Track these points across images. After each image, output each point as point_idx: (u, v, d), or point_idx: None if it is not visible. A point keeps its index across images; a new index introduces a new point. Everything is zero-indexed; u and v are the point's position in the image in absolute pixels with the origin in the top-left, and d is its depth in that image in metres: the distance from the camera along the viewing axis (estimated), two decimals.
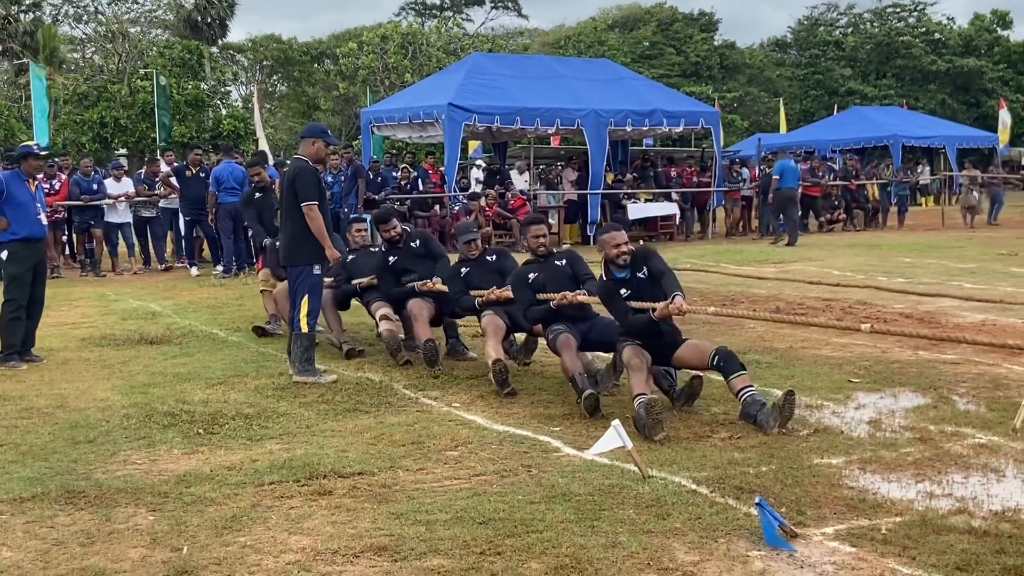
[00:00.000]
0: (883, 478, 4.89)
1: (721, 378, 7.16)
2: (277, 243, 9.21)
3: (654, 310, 6.06)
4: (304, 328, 7.41)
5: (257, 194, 10.85)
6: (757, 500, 4.11)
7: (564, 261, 7.33)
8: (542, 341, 7.43)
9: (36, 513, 4.58)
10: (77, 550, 4.12)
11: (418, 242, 8.60)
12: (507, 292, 7.34)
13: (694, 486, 4.74)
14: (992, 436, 5.58)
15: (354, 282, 8.70)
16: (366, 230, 9.44)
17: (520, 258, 7.80)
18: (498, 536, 4.13)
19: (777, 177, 19.64)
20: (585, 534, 4.15)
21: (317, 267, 7.50)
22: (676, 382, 6.58)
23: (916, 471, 4.99)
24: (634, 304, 6.26)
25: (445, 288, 7.88)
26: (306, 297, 7.45)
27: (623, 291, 6.40)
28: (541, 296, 7.01)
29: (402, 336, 8.44)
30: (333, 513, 4.51)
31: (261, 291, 9.94)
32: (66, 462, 5.42)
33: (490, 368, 6.93)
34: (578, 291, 6.86)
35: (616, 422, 4.88)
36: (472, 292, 7.63)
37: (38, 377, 7.81)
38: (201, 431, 6.02)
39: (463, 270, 7.92)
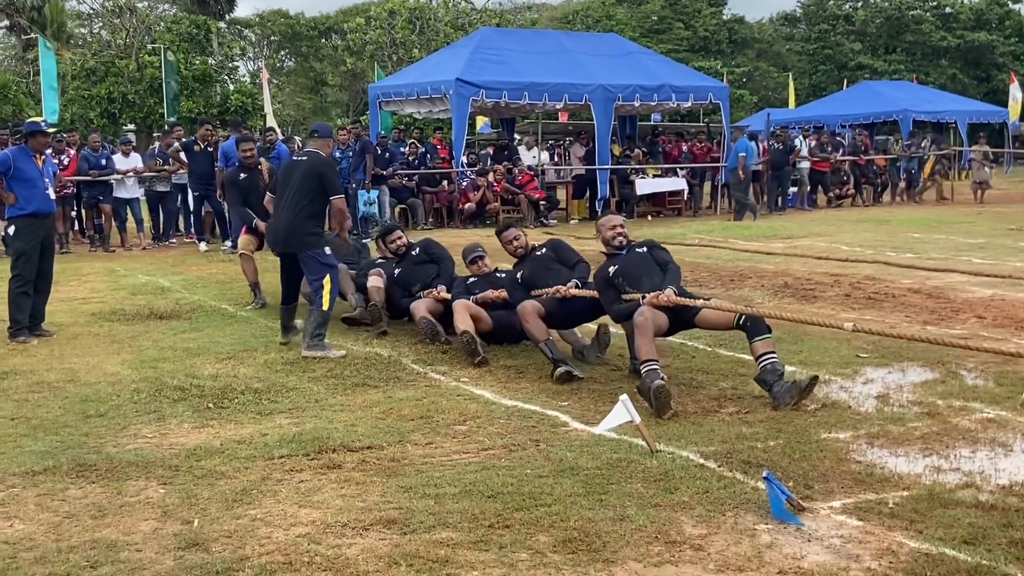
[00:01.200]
0: (891, 452, 4.90)
1: (729, 353, 7.20)
2: None
3: (643, 299, 6.10)
4: (325, 306, 7.47)
5: (242, 174, 10.10)
6: (765, 474, 4.12)
7: (544, 251, 7.45)
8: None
9: (48, 486, 4.61)
10: (89, 523, 4.16)
11: (418, 249, 8.65)
12: (503, 293, 7.52)
13: (702, 460, 4.76)
14: (1000, 411, 5.58)
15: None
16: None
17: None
18: (507, 509, 4.15)
19: (743, 155, 19.42)
20: (593, 507, 4.17)
21: (328, 248, 7.63)
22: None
23: (924, 445, 4.99)
24: (625, 297, 6.31)
25: (448, 296, 7.92)
26: (328, 276, 7.51)
27: (612, 268, 6.43)
28: (534, 292, 7.10)
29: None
30: (342, 487, 4.54)
31: (240, 254, 10.00)
32: (77, 436, 5.46)
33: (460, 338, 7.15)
34: (570, 284, 6.92)
35: (624, 397, 4.90)
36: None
37: (48, 352, 7.85)
38: (211, 405, 6.05)
39: (471, 279, 8.02)
